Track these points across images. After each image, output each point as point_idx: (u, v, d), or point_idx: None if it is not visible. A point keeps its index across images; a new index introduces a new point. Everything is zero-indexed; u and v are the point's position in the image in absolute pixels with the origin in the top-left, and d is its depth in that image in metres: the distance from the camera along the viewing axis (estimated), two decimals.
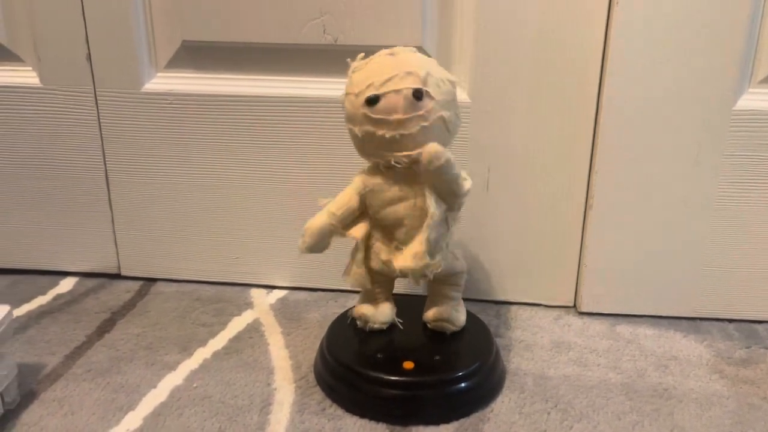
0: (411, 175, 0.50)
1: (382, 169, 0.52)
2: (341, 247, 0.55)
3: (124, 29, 0.65)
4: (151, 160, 0.69)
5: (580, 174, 0.64)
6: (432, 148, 0.47)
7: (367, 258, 0.55)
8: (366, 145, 0.51)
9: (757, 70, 0.60)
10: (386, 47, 0.54)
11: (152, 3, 0.65)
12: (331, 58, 0.64)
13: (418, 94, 0.48)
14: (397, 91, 0.48)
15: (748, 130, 0.61)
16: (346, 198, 0.53)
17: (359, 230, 0.54)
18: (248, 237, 0.71)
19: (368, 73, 0.49)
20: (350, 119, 0.51)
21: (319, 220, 0.53)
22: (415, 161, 0.49)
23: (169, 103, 0.67)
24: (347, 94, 0.50)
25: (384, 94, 0.48)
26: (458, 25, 0.62)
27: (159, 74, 0.67)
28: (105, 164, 0.70)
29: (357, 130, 0.50)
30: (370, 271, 0.55)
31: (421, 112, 0.48)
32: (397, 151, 0.49)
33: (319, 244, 0.53)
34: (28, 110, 0.69)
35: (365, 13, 0.61)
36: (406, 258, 0.50)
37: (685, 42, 0.58)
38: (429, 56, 0.62)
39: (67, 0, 0.64)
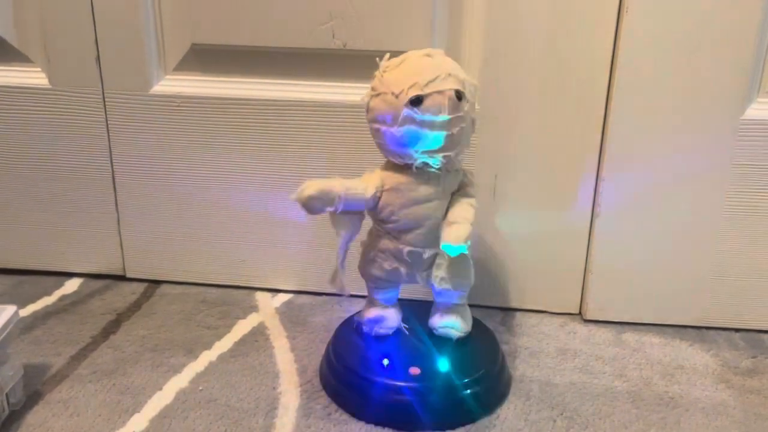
0: (438, 177, 0.52)
1: (413, 169, 0.52)
2: (349, 251, 0.55)
3: (134, 32, 0.65)
4: (158, 163, 0.69)
5: (587, 181, 0.64)
6: (453, 240, 0.49)
7: (366, 263, 0.56)
8: (401, 144, 0.50)
9: (765, 81, 0.60)
10: (396, 52, 0.54)
11: (162, 6, 0.65)
12: (340, 63, 0.64)
13: (459, 96, 0.49)
14: (440, 92, 0.48)
15: (755, 140, 0.61)
16: (363, 185, 0.52)
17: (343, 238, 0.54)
18: (253, 240, 0.71)
19: (407, 73, 0.49)
20: (383, 120, 0.50)
21: (329, 182, 0.51)
22: (450, 161, 0.51)
23: (177, 106, 0.67)
24: (380, 93, 0.50)
25: (429, 95, 0.48)
26: (467, 31, 0.62)
27: (167, 77, 0.67)
28: (112, 166, 0.70)
29: (395, 130, 0.49)
30: (370, 277, 0.56)
31: (461, 114, 0.49)
32: (438, 151, 0.50)
33: (316, 202, 0.51)
34: (36, 111, 0.69)
35: (375, 18, 0.62)
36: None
37: (694, 51, 0.58)
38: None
39: (77, 2, 0.65)
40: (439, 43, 0.62)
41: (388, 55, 0.51)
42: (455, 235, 0.50)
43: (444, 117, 0.48)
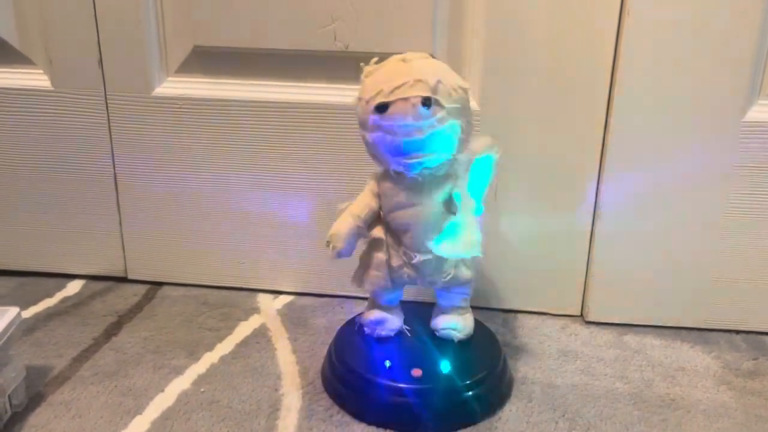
0: (419, 182, 0.51)
1: (392, 174, 0.52)
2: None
3: (136, 34, 0.65)
4: (160, 164, 0.70)
5: (589, 183, 0.64)
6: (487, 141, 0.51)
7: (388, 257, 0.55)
8: (376, 150, 0.51)
9: (766, 83, 0.60)
10: (397, 54, 0.54)
11: (164, 8, 0.65)
12: (341, 65, 0.64)
13: (426, 102, 0.48)
14: (405, 99, 0.48)
15: (757, 142, 0.61)
16: (366, 200, 0.54)
17: (380, 230, 0.54)
18: (255, 242, 0.71)
19: (378, 80, 0.49)
20: (361, 125, 0.51)
21: (345, 223, 0.53)
22: (423, 166, 0.50)
23: (179, 108, 0.67)
24: (360, 98, 0.51)
25: (393, 102, 0.48)
26: (468, 32, 0.62)
27: (169, 79, 0.67)
28: (114, 167, 0.70)
29: (367, 135, 0.50)
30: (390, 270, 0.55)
31: (430, 120, 0.48)
32: (406, 157, 0.49)
33: (349, 247, 0.53)
34: (38, 113, 0.69)
35: (376, 20, 0.62)
36: (457, 246, 0.51)
37: (695, 54, 0.58)
38: None
39: (80, 4, 0.65)
40: (440, 44, 0.62)
41: (375, 60, 0.51)
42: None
43: (406, 123, 0.48)
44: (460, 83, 0.50)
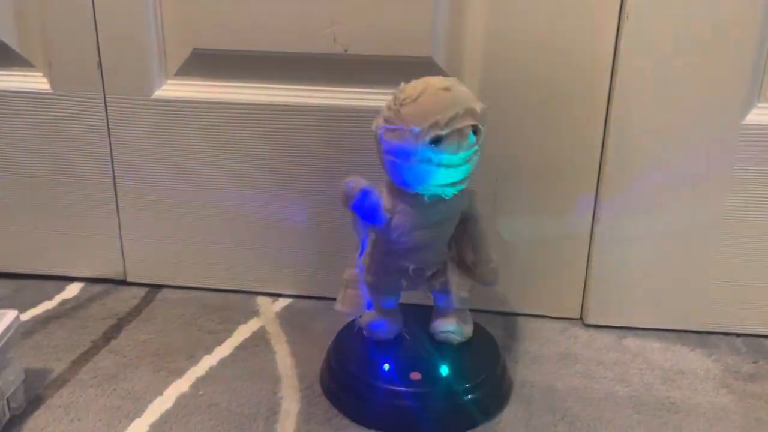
0: (444, 201, 0.51)
1: (426, 200, 0.51)
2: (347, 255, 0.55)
3: (135, 36, 0.65)
4: (160, 167, 0.70)
5: (588, 186, 0.64)
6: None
7: (369, 273, 0.55)
8: (418, 178, 0.50)
9: (766, 85, 0.60)
10: (397, 58, 0.54)
11: (163, 11, 0.65)
12: (341, 68, 0.64)
13: (476, 131, 0.49)
14: (459, 130, 0.48)
15: (757, 144, 0.61)
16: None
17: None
18: (254, 245, 0.71)
19: (426, 110, 0.48)
20: (398, 153, 0.49)
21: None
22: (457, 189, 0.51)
23: (179, 111, 0.67)
24: (396, 128, 0.48)
25: (449, 133, 0.48)
26: (468, 37, 0.62)
27: (169, 81, 0.67)
28: (113, 170, 0.70)
29: (409, 166, 0.49)
30: (371, 284, 0.55)
31: (476, 148, 0.49)
32: (450, 186, 0.50)
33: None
34: (38, 116, 0.69)
35: (376, 23, 0.62)
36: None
37: (695, 57, 0.58)
38: (440, 68, 0.62)
39: (79, 7, 0.65)
40: (440, 48, 0.62)
41: (402, 84, 0.50)
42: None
43: (461, 155, 0.48)
44: (484, 106, 0.50)
